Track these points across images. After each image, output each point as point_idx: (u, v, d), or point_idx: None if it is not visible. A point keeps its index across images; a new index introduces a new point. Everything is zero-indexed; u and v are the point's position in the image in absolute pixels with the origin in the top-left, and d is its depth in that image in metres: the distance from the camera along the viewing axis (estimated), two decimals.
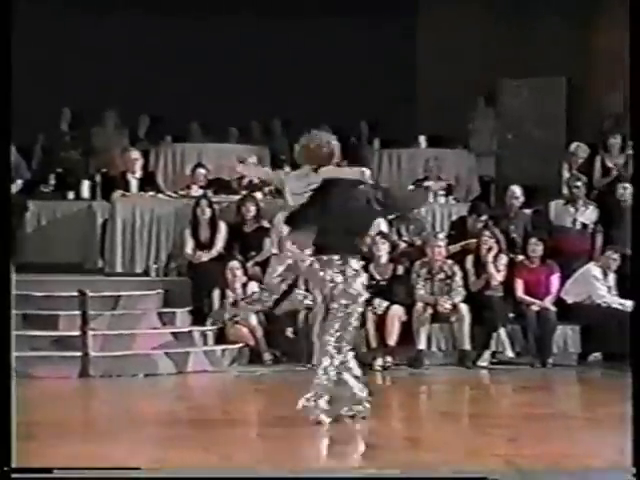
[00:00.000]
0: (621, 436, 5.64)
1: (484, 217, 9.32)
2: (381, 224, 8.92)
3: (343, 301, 5.53)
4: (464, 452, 5.16)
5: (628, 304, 8.79)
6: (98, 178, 10.19)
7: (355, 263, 5.60)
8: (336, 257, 5.52)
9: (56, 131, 11.30)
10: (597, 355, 8.75)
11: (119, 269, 9.39)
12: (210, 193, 9.64)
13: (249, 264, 8.97)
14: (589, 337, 8.80)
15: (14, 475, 3.99)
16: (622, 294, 8.93)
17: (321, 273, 5.51)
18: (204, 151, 10.98)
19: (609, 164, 10.13)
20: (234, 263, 8.73)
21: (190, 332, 8.51)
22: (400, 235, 9.31)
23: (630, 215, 9.28)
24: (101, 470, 4.25)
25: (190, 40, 12.29)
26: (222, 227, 9.21)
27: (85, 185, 10.24)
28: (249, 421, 6.25)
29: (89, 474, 4.19)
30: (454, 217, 9.74)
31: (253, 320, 8.55)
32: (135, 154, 10.10)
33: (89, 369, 7.77)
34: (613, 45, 11.55)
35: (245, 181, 9.97)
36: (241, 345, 8.52)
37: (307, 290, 8.17)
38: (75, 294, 8.09)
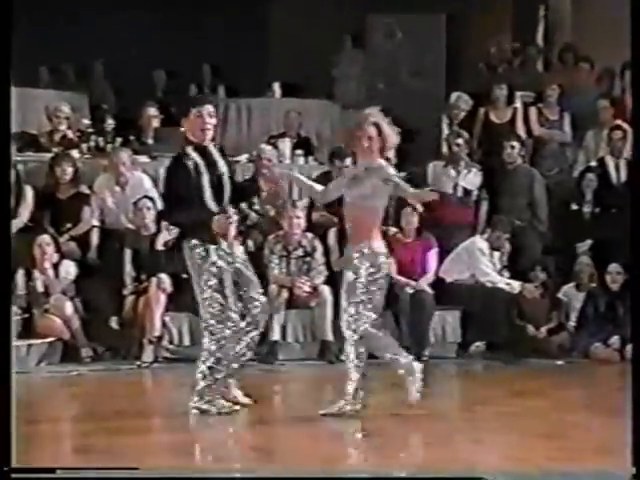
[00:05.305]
0: (505, 435, 5.90)
1: None
2: None
3: None
4: (321, 460, 5.28)
5: (515, 285, 9.11)
6: None
7: None
8: None
9: None
10: (480, 345, 9.01)
11: None
12: (12, 150, 9.42)
13: (62, 238, 8.88)
14: (471, 324, 9.07)
15: (14, 475, 4.52)
16: (511, 273, 9.23)
17: None
18: None
19: (494, 119, 10.41)
20: (44, 237, 8.63)
21: None
22: (251, 204, 9.30)
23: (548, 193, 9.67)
24: (101, 470, 4.75)
25: None
26: (28, 193, 9.07)
27: None
28: (62, 432, 6.19)
29: (89, 474, 4.74)
30: None
31: (68, 308, 8.46)
32: None
33: None
34: None
35: (58, 136, 9.79)
36: (52, 339, 8.42)
37: None
38: None
